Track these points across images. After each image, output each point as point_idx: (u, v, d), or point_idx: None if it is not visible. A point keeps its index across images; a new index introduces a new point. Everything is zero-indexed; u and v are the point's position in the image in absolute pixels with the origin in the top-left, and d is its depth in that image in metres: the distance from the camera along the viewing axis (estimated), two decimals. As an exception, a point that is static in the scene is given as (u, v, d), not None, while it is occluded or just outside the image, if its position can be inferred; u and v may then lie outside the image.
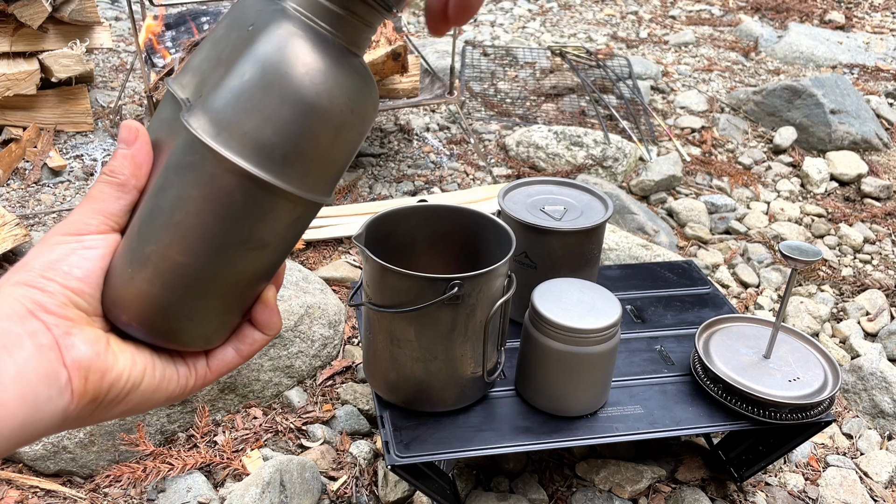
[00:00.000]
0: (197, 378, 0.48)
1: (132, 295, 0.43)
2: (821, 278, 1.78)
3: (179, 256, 0.42)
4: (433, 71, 2.17)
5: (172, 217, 0.42)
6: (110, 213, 0.44)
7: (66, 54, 2.02)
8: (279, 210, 0.43)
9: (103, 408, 0.43)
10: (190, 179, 0.42)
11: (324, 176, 0.44)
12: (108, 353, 0.42)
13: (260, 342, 0.50)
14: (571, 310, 0.93)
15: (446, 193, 2.00)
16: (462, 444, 0.92)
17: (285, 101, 0.40)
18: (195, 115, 0.41)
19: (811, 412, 0.98)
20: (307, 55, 0.41)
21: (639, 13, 3.76)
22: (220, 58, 0.43)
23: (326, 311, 1.38)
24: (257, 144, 0.41)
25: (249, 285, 0.46)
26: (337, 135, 0.43)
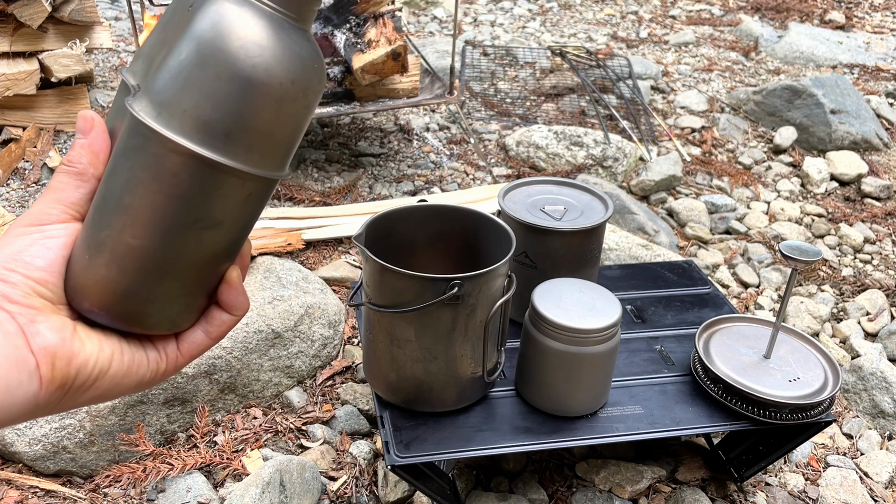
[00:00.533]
0: (168, 362, 0.48)
1: (91, 281, 0.44)
2: (821, 278, 1.78)
3: (132, 239, 0.43)
4: (433, 71, 2.17)
5: (122, 201, 0.42)
6: (70, 203, 0.45)
7: (66, 54, 2.02)
8: (227, 187, 0.43)
9: (72, 394, 0.43)
10: (136, 162, 0.42)
11: (271, 150, 0.44)
12: (74, 340, 0.43)
13: (228, 323, 0.50)
14: (571, 310, 0.93)
15: (446, 193, 2.00)
16: (462, 444, 0.92)
17: (221, 77, 0.40)
18: (138, 99, 0.42)
19: (811, 412, 0.98)
20: (242, 29, 0.41)
21: (639, 13, 3.76)
22: (165, 41, 0.43)
23: (326, 311, 1.38)
24: (198, 122, 0.41)
25: (208, 265, 0.46)
26: (279, 108, 0.42)
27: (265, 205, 0.48)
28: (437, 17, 3.56)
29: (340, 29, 2.00)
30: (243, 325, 1.27)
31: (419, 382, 0.93)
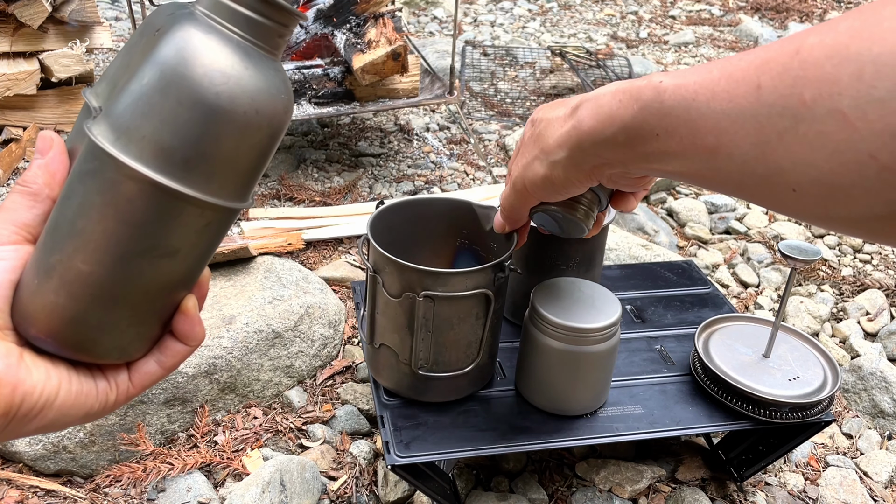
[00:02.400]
0: (118, 393, 0.47)
1: (39, 306, 0.42)
2: (820, 278, 1.78)
3: (84, 265, 0.41)
4: (433, 71, 2.17)
5: (75, 225, 0.41)
6: (22, 224, 0.43)
7: (66, 54, 2.02)
8: (185, 216, 0.42)
9: (16, 423, 0.41)
10: (91, 186, 0.41)
11: (232, 180, 0.43)
12: (20, 367, 0.41)
13: (182, 353, 0.49)
14: (571, 309, 0.93)
15: (446, 193, 2.01)
16: (462, 444, 0.93)
17: (183, 103, 0.40)
18: (97, 122, 0.41)
19: (811, 411, 0.98)
20: (208, 56, 0.40)
21: (639, 13, 3.76)
22: (129, 64, 0.42)
23: (326, 311, 1.38)
24: (157, 148, 0.40)
25: (162, 294, 0.45)
26: (241, 137, 0.42)
27: (225, 234, 0.46)
28: (437, 17, 3.56)
29: (340, 29, 2.00)
30: (244, 325, 1.27)
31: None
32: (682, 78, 0.44)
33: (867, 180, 0.34)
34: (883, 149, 0.32)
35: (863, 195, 0.35)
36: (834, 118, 0.34)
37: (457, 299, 0.88)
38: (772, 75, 0.37)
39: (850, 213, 0.36)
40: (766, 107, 0.37)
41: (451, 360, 0.94)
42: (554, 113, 0.60)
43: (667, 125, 0.45)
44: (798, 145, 0.36)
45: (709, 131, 0.41)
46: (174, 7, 0.44)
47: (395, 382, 0.97)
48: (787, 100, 0.36)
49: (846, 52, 0.33)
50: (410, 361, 0.92)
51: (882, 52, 0.32)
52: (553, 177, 0.61)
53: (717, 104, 0.40)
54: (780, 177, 0.38)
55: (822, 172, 0.36)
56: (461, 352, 0.94)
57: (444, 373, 0.94)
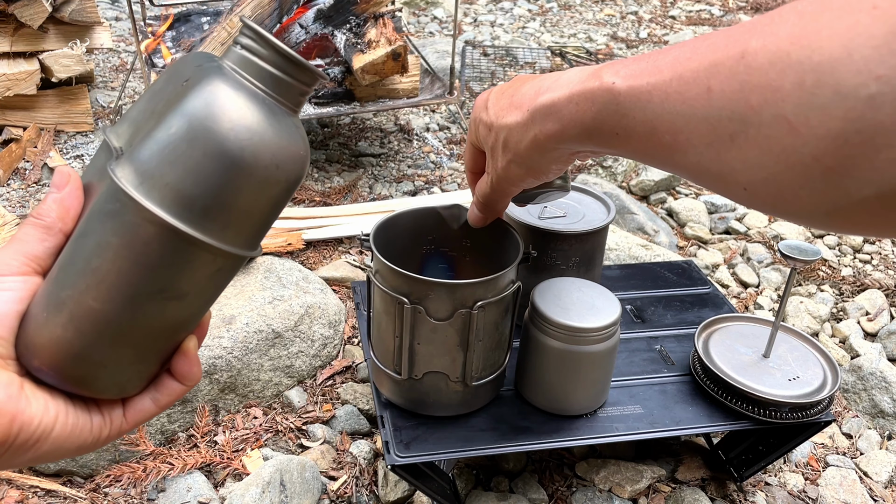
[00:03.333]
0: (112, 428, 0.47)
1: (45, 339, 0.43)
2: (820, 278, 1.78)
3: (94, 303, 0.42)
4: (433, 71, 2.17)
5: (90, 263, 0.42)
6: (34, 256, 0.44)
7: (67, 54, 2.02)
8: (198, 261, 0.43)
9: (12, 453, 0.42)
10: (110, 227, 0.42)
11: (246, 229, 0.44)
12: (20, 398, 0.41)
13: (178, 392, 0.50)
14: (571, 308, 0.94)
15: (446, 193, 2.00)
16: (462, 443, 0.93)
17: (209, 155, 0.41)
18: (121, 165, 0.42)
19: (811, 411, 0.98)
20: (235, 111, 0.42)
21: (639, 13, 3.76)
22: (154, 110, 0.43)
23: (326, 311, 1.38)
24: (178, 196, 0.41)
25: (167, 335, 0.46)
26: (260, 190, 0.43)
27: (230, 280, 0.48)
28: (437, 17, 3.56)
29: (340, 29, 2.00)
30: (244, 325, 1.27)
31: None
32: (634, 79, 0.46)
33: (813, 181, 0.36)
34: (826, 152, 0.34)
35: (809, 195, 0.37)
36: (779, 123, 0.36)
37: (502, 300, 0.88)
38: (720, 79, 0.39)
39: (800, 210, 0.38)
40: (716, 110, 0.39)
41: (497, 360, 0.95)
42: (510, 118, 0.62)
43: (625, 125, 0.47)
44: (748, 148, 0.38)
45: (665, 130, 0.43)
46: (202, 59, 0.45)
47: (444, 406, 0.95)
48: (736, 104, 0.38)
49: (788, 59, 0.35)
50: (464, 377, 0.91)
51: (821, 61, 0.33)
52: (534, 171, 0.64)
53: (671, 105, 0.42)
54: (732, 176, 0.40)
55: (770, 174, 0.37)
56: (503, 349, 0.95)
57: (490, 375, 0.95)
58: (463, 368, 0.91)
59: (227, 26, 1.79)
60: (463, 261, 1.01)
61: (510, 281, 0.89)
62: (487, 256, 0.98)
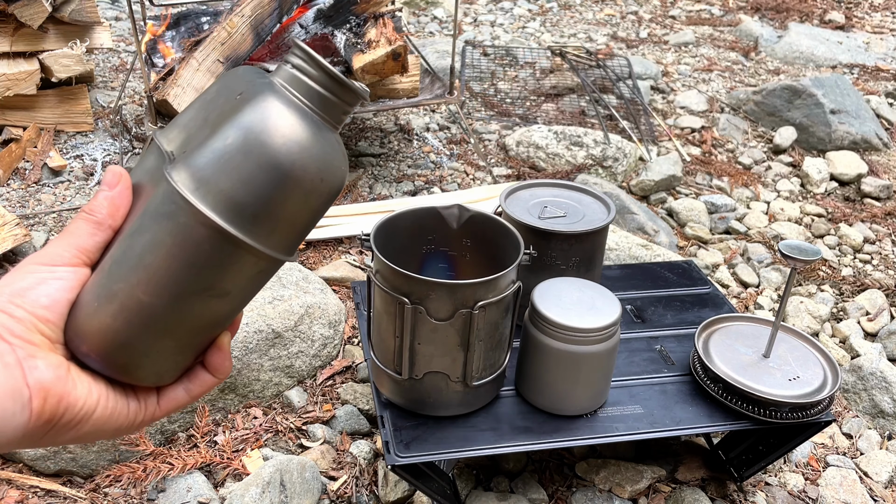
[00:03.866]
0: (146, 414, 0.50)
1: (95, 327, 0.46)
2: (821, 278, 1.78)
3: (145, 296, 0.45)
4: (433, 71, 2.17)
5: (143, 259, 0.45)
6: (84, 249, 0.46)
7: (66, 54, 2.02)
8: (243, 263, 0.47)
9: (55, 431, 0.44)
10: (164, 227, 0.45)
11: (288, 236, 0.48)
12: (67, 379, 0.44)
13: (210, 384, 0.53)
14: (571, 309, 0.94)
15: (446, 193, 2.00)
16: (462, 444, 0.92)
17: (262, 167, 0.44)
18: (177, 169, 0.45)
19: (811, 411, 0.98)
20: (287, 128, 0.45)
21: (639, 13, 3.76)
22: (207, 119, 0.47)
23: (326, 311, 1.38)
24: (231, 202, 0.44)
25: (206, 330, 0.50)
26: (305, 201, 0.47)
27: (267, 282, 0.51)
28: (437, 17, 3.56)
29: (340, 29, 2.00)
30: (244, 325, 1.27)
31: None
32: None
33: None
34: None
35: None
36: None
37: (502, 300, 0.88)
38: None
39: None
40: None
41: (498, 360, 0.95)
42: None
43: None
44: None
45: None
46: (254, 74, 0.49)
47: (444, 406, 0.95)
48: None
49: None
50: (464, 377, 0.91)
51: None
52: None
53: None
54: None
55: None
56: (503, 349, 0.95)
57: (490, 375, 0.95)
58: (463, 368, 0.91)
59: (227, 26, 1.78)
60: (463, 261, 1.01)
61: (510, 281, 0.89)
62: (487, 256, 0.98)
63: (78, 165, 2.02)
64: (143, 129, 2.16)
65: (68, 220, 1.81)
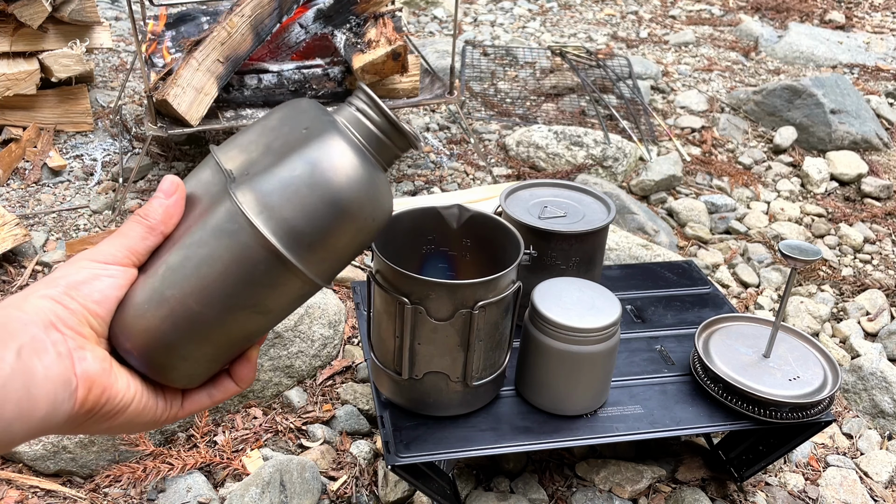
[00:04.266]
0: (171, 413, 0.53)
1: (142, 327, 0.48)
2: (821, 278, 1.78)
3: (196, 305, 0.48)
4: (433, 71, 2.17)
5: (199, 270, 0.48)
6: (135, 251, 0.49)
7: (66, 54, 2.02)
8: (290, 285, 0.50)
9: (94, 420, 0.47)
10: (224, 243, 0.48)
11: (333, 266, 0.52)
12: (111, 373, 0.47)
13: (232, 392, 0.56)
14: (571, 309, 0.93)
15: (446, 193, 2.00)
16: (462, 444, 0.92)
17: (325, 201, 0.48)
18: (242, 191, 0.48)
19: (811, 411, 0.98)
20: (349, 168, 0.49)
21: (639, 13, 3.76)
22: (270, 146, 0.50)
23: (326, 311, 1.38)
24: (291, 230, 0.48)
25: (243, 342, 0.53)
26: (356, 236, 0.51)
27: (302, 305, 0.55)
28: (437, 17, 3.56)
29: (340, 29, 2.00)
30: (243, 325, 1.27)
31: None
32: None
33: None
34: None
35: None
36: None
37: (502, 300, 0.88)
38: None
39: None
40: None
41: (498, 360, 0.95)
42: None
43: None
44: None
45: None
46: (318, 110, 0.52)
47: (444, 406, 0.95)
48: None
49: None
50: (464, 377, 0.91)
51: None
52: None
53: None
54: None
55: None
56: (503, 349, 0.95)
57: (490, 375, 0.95)
58: (463, 368, 0.91)
59: (226, 26, 1.78)
60: (463, 261, 1.01)
61: (510, 281, 0.89)
62: (487, 256, 0.98)
63: (78, 165, 2.02)
64: (142, 129, 2.15)
65: (68, 221, 1.81)
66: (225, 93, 1.88)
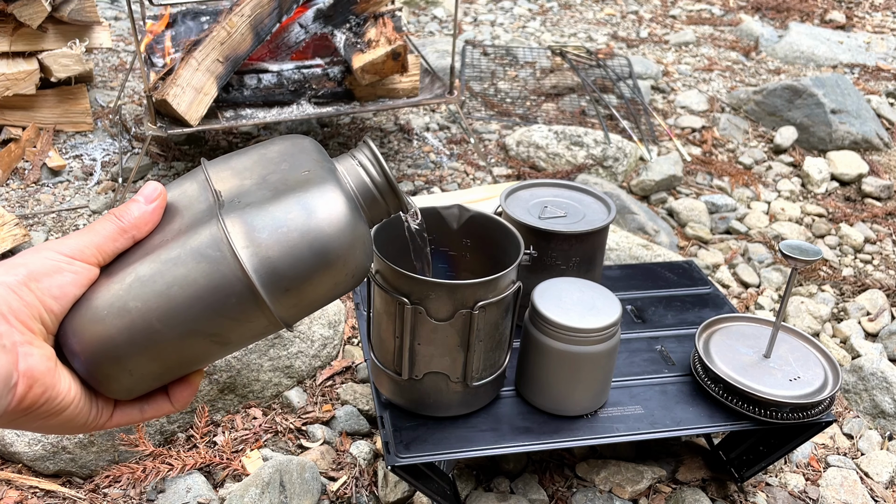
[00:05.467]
0: (99, 422, 0.51)
1: (96, 333, 0.47)
2: (821, 278, 1.78)
3: (157, 323, 0.47)
4: (433, 71, 2.17)
5: (170, 289, 0.47)
6: (102, 250, 0.48)
7: (66, 54, 2.02)
8: (256, 323, 0.49)
9: (29, 418, 0.45)
10: (202, 268, 0.47)
11: (301, 311, 0.51)
12: (56, 373, 0.46)
13: (166, 411, 0.54)
14: (571, 309, 0.93)
15: (446, 193, 2.00)
16: (462, 444, 0.92)
17: (313, 251, 0.48)
18: (232, 219, 0.48)
19: (812, 411, 0.98)
20: (343, 223, 0.49)
21: (639, 13, 3.76)
22: (267, 179, 0.50)
23: (326, 311, 1.38)
24: (273, 270, 0.47)
25: (192, 366, 0.52)
26: (331, 289, 0.51)
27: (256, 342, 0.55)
28: (437, 17, 3.56)
29: (340, 29, 1.99)
30: (243, 325, 1.27)
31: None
32: None
33: None
34: None
35: None
36: None
37: (502, 300, 0.88)
38: None
39: None
40: None
41: (498, 360, 0.95)
42: None
43: None
44: None
45: None
46: (320, 154, 0.53)
47: (444, 406, 0.95)
48: None
49: None
50: (464, 377, 0.91)
51: None
52: None
53: None
54: None
55: None
56: (503, 350, 0.95)
57: (490, 376, 0.94)
58: (463, 369, 0.90)
59: (226, 26, 1.78)
60: (463, 261, 1.01)
61: (510, 281, 0.89)
62: (487, 256, 0.98)
63: (77, 165, 2.02)
64: (142, 129, 2.15)
65: (67, 221, 1.80)
66: (224, 93, 1.88)
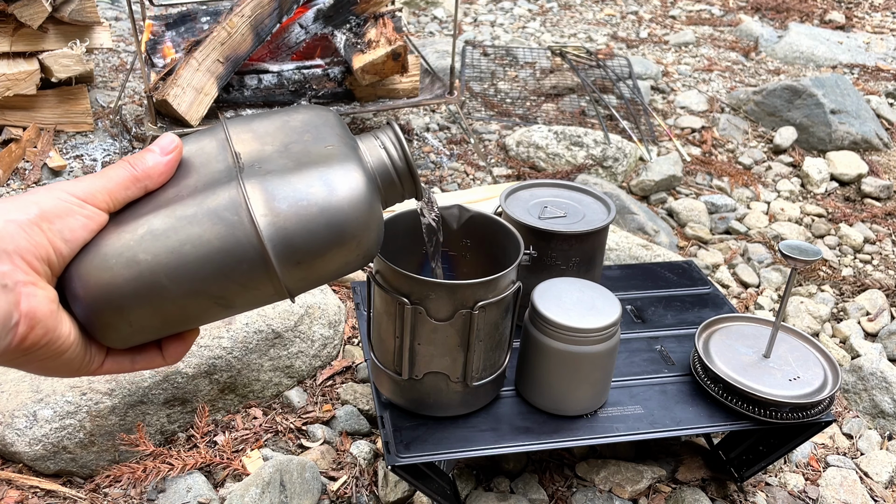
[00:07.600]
0: (91, 368, 0.51)
1: (103, 281, 0.46)
2: (821, 278, 1.78)
3: (165, 278, 0.47)
4: (433, 71, 2.17)
5: (182, 247, 0.47)
6: (114, 196, 0.47)
7: (66, 54, 2.02)
8: (263, 290, 0.50)
9: (27, 359, 0.45)
10: (217, 230, 0.47)
11: (309, 284, 0.52)
12: (57, 315, 0.45)
13: (157, 364, 0.54)
14: (571, 309, 0.93)
15: (446, 193, 2.00)
16: (462, 444, 0.92)
17: (330, 228, 0.48)
18: (252, 185, 0.48)
19: (811, 411, 0.98)
20: (362, 203, 0.49)
21: (639, 13, 3.76)
22: (289, 148, 0.50)
23: (326, 311, 1.38)
24: (289, 241, 0.48)
25: (190, 324, 0.53)
26: (341, 266, 0.51)
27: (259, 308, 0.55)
28: (437, 17, 3.56)
29: (340, 29, 2.00)
30: (243, 325, 1.27)
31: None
32: None
33: None
34: None
35: None
36: None
37: (502, 300, 0.88)
38: None
39: None
40: None
41: (498, 360, 0.95)
42: None
43: None
44: None
45: None
46: (343, 129, 0.53)
47: (444, 406, 0.95)
48: None
49: None
50: (464, 377, 0.91)
51: None
52: None
53: None
54: None
55: None
56: (503, 350, 0.95)
57: (490, 375, 0.94)
58: (463, 369, 0.90)
59: (226, 26, 1.78)
60: (463, 261, 1.01)
61: (510, 281, 0.89)
62: (487, 257, 0.98)
63: (78, 166, 2.02)
64: (142, 129, 2.15)
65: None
66: (225, 93, 1.88)
